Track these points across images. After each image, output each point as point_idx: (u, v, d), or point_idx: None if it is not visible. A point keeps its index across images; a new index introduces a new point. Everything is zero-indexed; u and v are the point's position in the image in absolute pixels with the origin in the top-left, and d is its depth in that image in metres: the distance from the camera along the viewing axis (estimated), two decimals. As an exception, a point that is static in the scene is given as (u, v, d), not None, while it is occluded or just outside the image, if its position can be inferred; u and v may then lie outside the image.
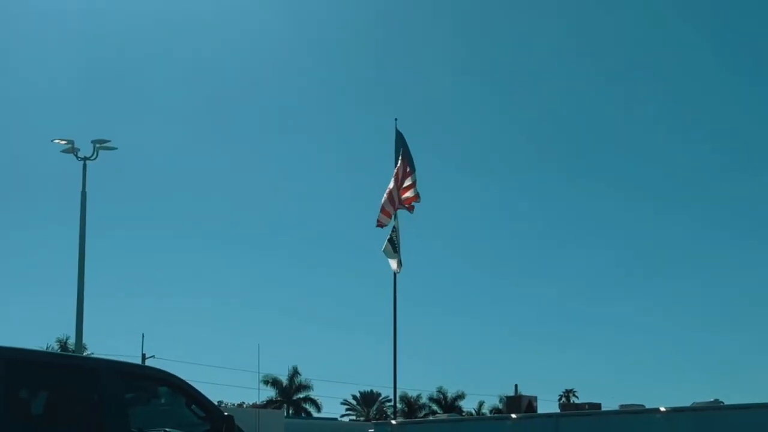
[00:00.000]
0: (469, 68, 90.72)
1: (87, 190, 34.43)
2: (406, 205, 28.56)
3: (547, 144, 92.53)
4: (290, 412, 69.25)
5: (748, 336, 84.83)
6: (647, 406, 21.71)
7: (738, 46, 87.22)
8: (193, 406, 9.88)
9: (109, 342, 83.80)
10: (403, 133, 29.05)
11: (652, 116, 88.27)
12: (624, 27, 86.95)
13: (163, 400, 10.33)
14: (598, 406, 25.67)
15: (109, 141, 34.98)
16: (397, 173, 28.37)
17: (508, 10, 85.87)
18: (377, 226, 28.37)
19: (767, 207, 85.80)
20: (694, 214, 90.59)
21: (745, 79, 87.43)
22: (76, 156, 34.51)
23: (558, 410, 32.94)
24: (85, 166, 34.51)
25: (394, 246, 28.09)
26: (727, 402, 20.46)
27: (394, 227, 28.29)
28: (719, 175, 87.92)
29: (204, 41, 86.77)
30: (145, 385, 10.25)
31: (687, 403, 21.07)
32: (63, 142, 34.58)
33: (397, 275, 28.09)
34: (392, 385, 28.28)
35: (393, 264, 28.10)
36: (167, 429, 9.87)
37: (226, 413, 10.02)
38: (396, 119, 29.26)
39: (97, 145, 34.69)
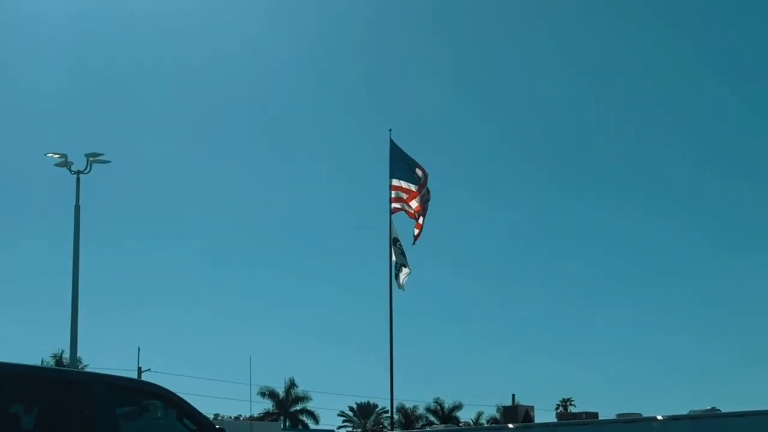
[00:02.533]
0: (461, 81, 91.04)
1: (81, 203, 34.43)
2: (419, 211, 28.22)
3: (538, 154, 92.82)
4: (287, 424, 69.09)
5: (745, 343, 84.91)
6: (644, 415, 21.67)
7: (727, 54, 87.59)
8: (185, 420, 9.82)
9: (105, 356, 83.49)
10: (396, 144, 28.89)
11: (642, 125, 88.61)
12: (611, 39, 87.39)
13: (155, 414, 10.25)
14: (596, 415, 25.60)
15: (102, 154, 34.93)
16: (420, 186, 28.07)
17: (499, 24, 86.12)
18: (416, 239, 28.23)
19: (761, 215, 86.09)
20: (688, 223, 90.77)
21: (736, 87, 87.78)
22: (70, 170, 34.45)
23: (555, 420, 32.83)
24: (78, 179, 34.45)
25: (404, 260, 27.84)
26: (724, 410, 20.41)
27: (397, 240, 28.02)
28: (715, 182, 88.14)
29: (196, 54, 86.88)
30: (137, 399, 10.17)
31: (684, 411, 21.04)
32: (56, 155, 34.51)
33: (392, 285, 27.91)
34: (389, 396, 28.15)
35: (402, 279, 27.77)
36: (159, 443, 9.81)
37: (217, 426, 9.96)
38: (390, 130, 29.13)
39: (91, 159, 34.63)
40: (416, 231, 28.23)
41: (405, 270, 27.74)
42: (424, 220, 28.26)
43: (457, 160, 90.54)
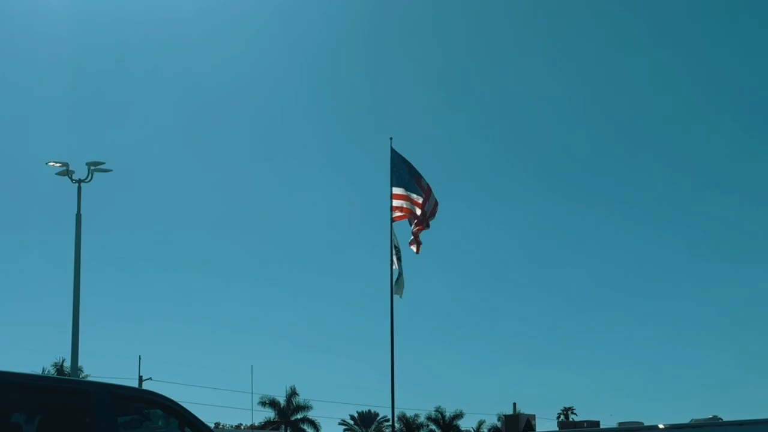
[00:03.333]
0: (457, 94, 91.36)
1: (82, 212, 34.42)
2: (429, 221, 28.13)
3: (539, 166, 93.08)
4: (288, 432, 68.95)
5: (746, 352, 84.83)
6: (646, 423, 21.65)
7: (714, 75, 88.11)
8: (186, 429, 9.79)
9: (106, 364, 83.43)
10: (397, 152, 28.79)
11: (635, 140, 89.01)
12: (607, 55, 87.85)
13: (156, 423, 10.22)
14: (597, 423, 25.60)
15: (103, 163, 34.94)
16: (425, 195, 27.93)
17: (497, 36, 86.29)
18: (416, 252, 28.14)
19: (759, 226, 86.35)
20: (688, 235, 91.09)
21: (727, 105, 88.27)
22: (71, 178, 34.45)
23: (556, 428, 32.78)
24: (79, 188, 34.45)
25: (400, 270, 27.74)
26: (725, 418, 20.40)
27: (397, 248, 27.92)
28: (713, 195, 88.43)
29: (198, 64, 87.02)
30: (138, 408, 10.13)
31: (686, 420, 21.05)
32: (57, 164, 34.52)
33: (394, 296, 27.86)
34: (390, 405, 28.11)
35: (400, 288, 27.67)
36: (160, 451, 9.79)
37: (218, 435, 9.95)
38: (391, 138, 29.08)
39: (92, 168, 34.63)
40: (414, 247, 28.14)
41: (401, 279, 27.67)
42: (420, 229, 28.14)
43: (456, 170, 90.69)
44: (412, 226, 28.22)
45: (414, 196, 28.12)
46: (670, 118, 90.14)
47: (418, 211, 27.99)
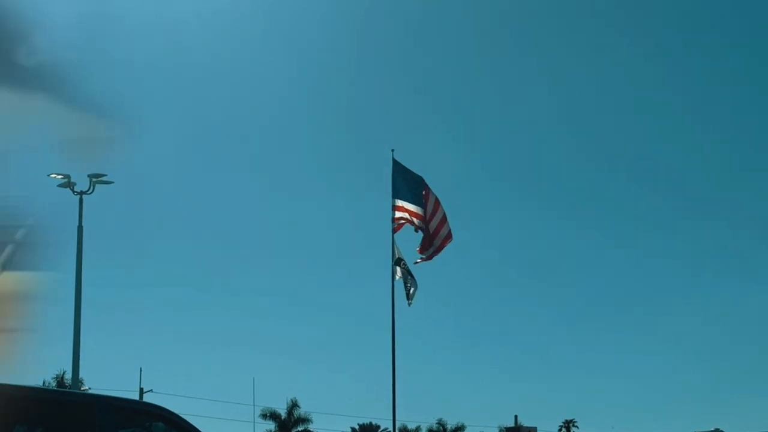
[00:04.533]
0: (455, 113, 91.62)
1: (83, 224, 34.38)
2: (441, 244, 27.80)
3: (535, 183, 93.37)
4: (289, 445, 68.77)
5: (748, 365, 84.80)
6: (648, 436, 21.61)
7: (703, 91, 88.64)
8: (188, 441, 9.77)
9: (106, 377, 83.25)
10: (399, 163, 28.63)
11: (618, 158, 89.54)
12: (597, 73, 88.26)
13: (158, 436, 10.21)
14: (599, 436, 25.50)
15: (105, 175, 34.87)
16: (433, 209, 27.65)
17: (488, 53, 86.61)
18: (421, 260, 27.89)
19: (757, 244, 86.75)
20: (691, 251, 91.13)
21: (710, 122, 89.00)
22: (73, 190, 34.42)
23: (558, 441, 32.73)
24: (81, 200, 34.41)
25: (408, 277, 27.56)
26: (727, 431, 20.40)
27: (401, 260, 27.76)
28: (709, 212, 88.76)
29: (198, 74, 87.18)
30: (140, 421, 10.11)
31: (688, 432, 21.01)
32: (59, 176, 34.48)
33: (395, 306, 27.75)
34: (391, 417, 28.02)
35: (411, 296, 27.50)
36: (162, 464, 9.76)
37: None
38: (393, 150, 28.88)
39: (94, 180, 34.60)
40: (421, 256, 27.91)
41: (413, 288, 27.51)
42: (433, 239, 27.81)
43: (457, 187, 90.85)
44: (421, 235, 27.89)
45: (418, 209, 27.86)
46: (658, 135, 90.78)
47: (422, 225, 27.75)
